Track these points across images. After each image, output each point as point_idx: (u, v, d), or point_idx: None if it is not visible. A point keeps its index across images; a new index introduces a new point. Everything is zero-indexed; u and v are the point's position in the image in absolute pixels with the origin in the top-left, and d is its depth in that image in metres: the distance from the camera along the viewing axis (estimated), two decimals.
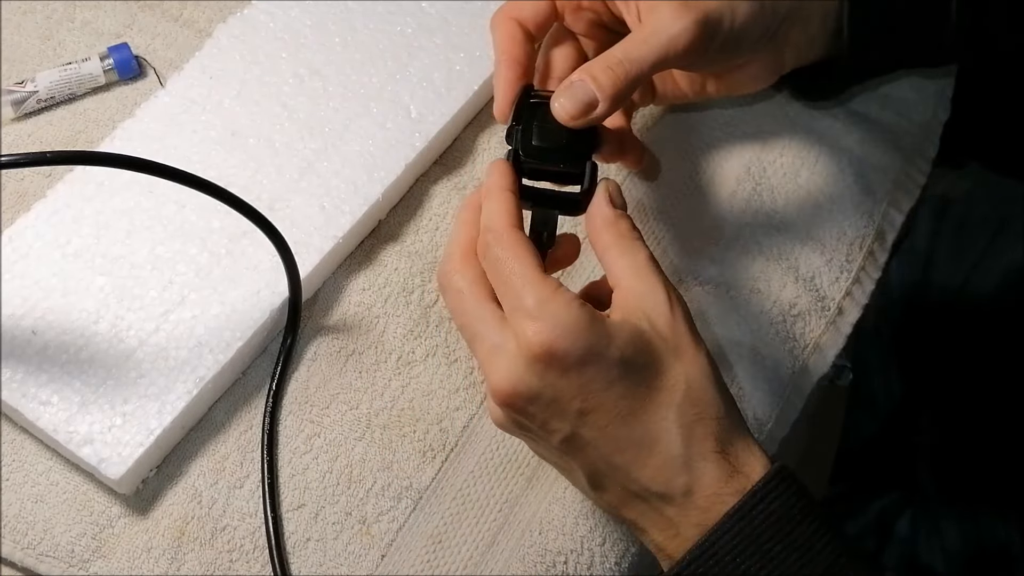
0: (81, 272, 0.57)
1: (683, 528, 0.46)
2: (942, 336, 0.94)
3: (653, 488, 0.46)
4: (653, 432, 0.46)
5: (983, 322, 0.93)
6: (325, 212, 0.59)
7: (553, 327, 0.44)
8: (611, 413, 0.45)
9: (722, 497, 0.45)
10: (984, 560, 0.89)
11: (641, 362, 0.45)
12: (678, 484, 0.46)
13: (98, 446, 0.52)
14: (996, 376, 0.90)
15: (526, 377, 0.45)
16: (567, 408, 0.45)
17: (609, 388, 0.45)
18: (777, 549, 0.44)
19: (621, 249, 0.48)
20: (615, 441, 0.46)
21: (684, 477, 0.45)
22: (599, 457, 0.47)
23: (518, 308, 0.45)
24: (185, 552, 0.53)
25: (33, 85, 0.64)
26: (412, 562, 0.53)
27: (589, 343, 0.44)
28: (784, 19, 0.55)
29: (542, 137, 0.51)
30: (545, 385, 0.45)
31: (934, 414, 0.95)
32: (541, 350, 0.44)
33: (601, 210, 0.49)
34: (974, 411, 0.92)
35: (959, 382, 0.93)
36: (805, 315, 0.61)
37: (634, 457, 0.46)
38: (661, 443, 0.45)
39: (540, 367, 0.45)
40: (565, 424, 0.46)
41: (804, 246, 0.63)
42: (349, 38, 0.66)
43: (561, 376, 0.45)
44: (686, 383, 0.46)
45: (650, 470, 0.46)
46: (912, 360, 0.96)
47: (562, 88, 0.51)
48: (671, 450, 0.45)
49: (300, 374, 0.58)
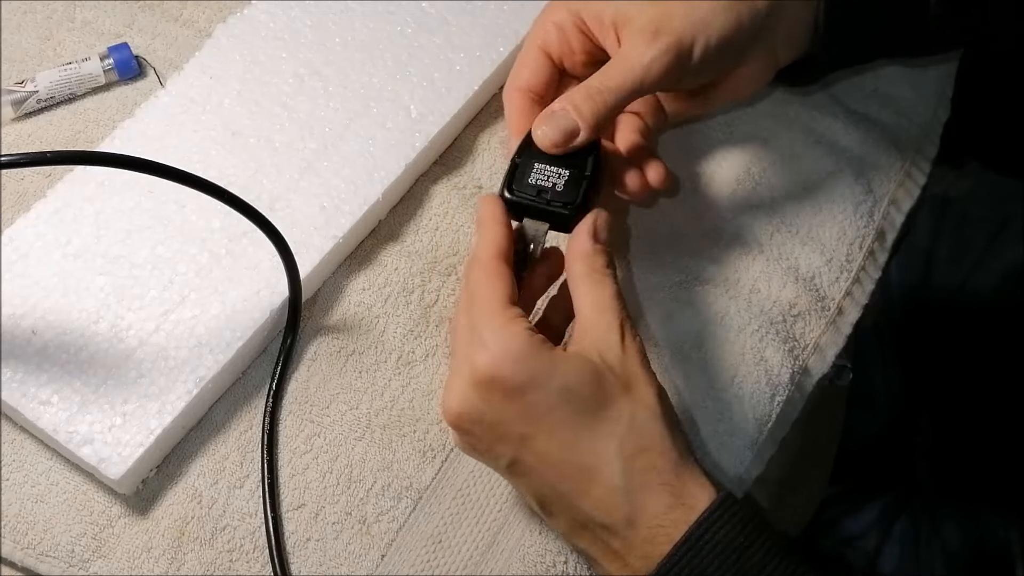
0: (81, 272, 0.57)
1: (630, 559, 0.47)
2: (942, 336, 0.94)
3: (596, 518, 0.47)
4: (593, 462, 0.46)
5: (983, 322, 0.93)
6: (325, 212, 0.59)
7: (498, 353, 0.46)
8: (552, 440, 0.47)
9: (666, 529, 0.46)
10: (984, 560, 0.89)
11: (585, 393, 0.47)
12: (620, 515, 0.46)
13: (98, 446, 0.52)
14: (996, 376, 0.90)
15: (471, 399, 0.47)
16: (509, 432, 0.47)
17: (549, 415, 0.46)
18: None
19: (590, 283, 0.50)
20: (556, 468, 0.47)
21: (626, 508, 0.46)
22: (543, 483, 0.48)
23: (476, 334, 0.47)
24: (185, 552, 0.53)
25: (33, 85, 0.64)
26: (412, 562, 0.53)
27: (531, 370, 0.46)
28: (766, 18, 0.56)
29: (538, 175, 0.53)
30: (488, 408, 0.47)
31: (934, 414, 0.95)
32: (485, 374, 0.46)
33: (581, 241, 0.51)
34: (974, 411, 0.92)
35: (959, 382, 0.93)
36: (805, 315, 0.61)
37: (576, 486, 0.47)
38: (602, 473, 0.46)
39: (484, 390, 0.47)
40: (508, 448, 0.48)
41: (804, 246, 0.63)
42: (349, 38, 0.66)
43: (503, 400, 0.47)
44: (630, 416, 0.47)
45: (591, 500, 0.47)
46: (912, 360, 0.96)
47: (544, 116, 0.53)
48: (612, 480, 0.46)
49: (300, 374, 0.58)
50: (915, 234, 0.96)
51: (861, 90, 0.70)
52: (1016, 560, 0.88)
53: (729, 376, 0.58)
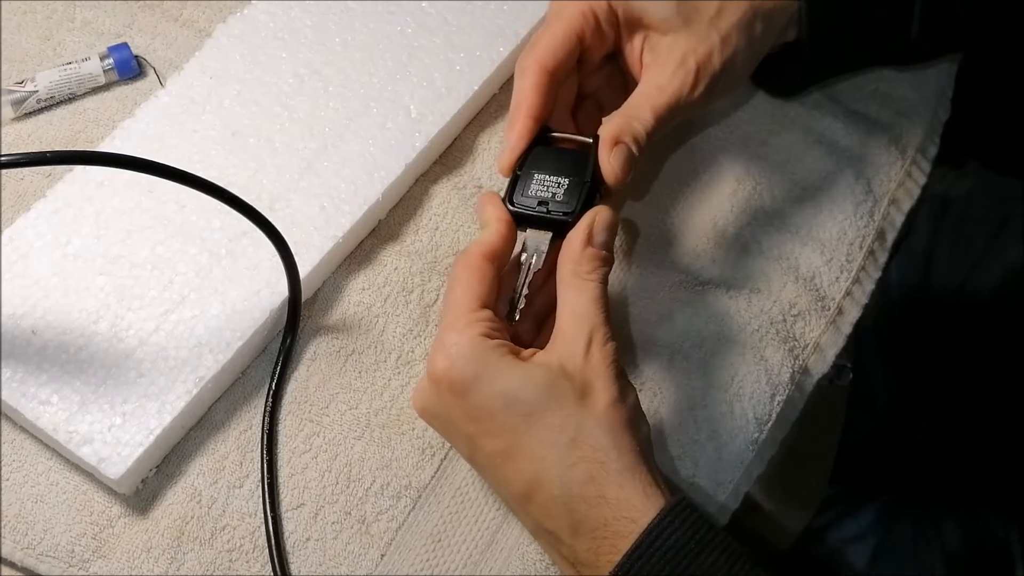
0: (81, 272, 0.57)
1: (580, 568, 0.47)
2: (942, 336, 0.94)
3: (542, 524, 0.48)
4: (532, 469, 0.47)
5: (983, 321, 0.93)
6: (325, 212, 0.59)
7: (452, 354, 0.48)
8: (494, 442, 0.48)
9: (609, 540, 0.46)
10: (984, 560, 0.89)
11: (528, 398, 0.47)
12: (562, 523, 0.47)
13: (98, 446, 0.52)
14: (996, 375, 0.90)
15: (428, 395, 0.49)
16: (459, 431, 0.49)
17: (490, 418, 0.47)
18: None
19: (572, 287, 0.50)
20: (502, 472, 0.48)
21: (566, 517, 0.46)
22: (495, 484, 0.50)
23: (440, 332, 0.49)
24: (185, 552, 0.53)
25: (33, 85, 0.64)
26: (412, 561, 0.53)
27: (477, 373, 0.47)
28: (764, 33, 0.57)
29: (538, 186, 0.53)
30: (441, 405, 0.49)
31: (934, 414, 0.95)
32: (436, 371, 0.48)
33: (571, 243, 0.51)
34: (974, 411, 0.92)
35: (959, 382, 0.93)
36: (805, 315, 0.61)
37: (519, 491, 0.48)
38: (542, 481, 0.47)
39: (436, 387, 0.49)
40: (462, 446, 0.50)
41: (804, 246, 0.63)
42: (349, 38, 0.66)
43: (451, 398, 0.48)
44: (576, 426, 0.46)
45: (535, 506, 0.47)
46: (912, 360, 0.96)
47: (608, 150, 0.53)
48: (551, 489, 0.46)
49: (300, 374, 0.58)
50: (915, 234, 0.96)
51: (861, 90, 0.69)
52: (1016, 560, 0.88)
53: (729, 376, 0.58)
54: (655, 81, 0.55)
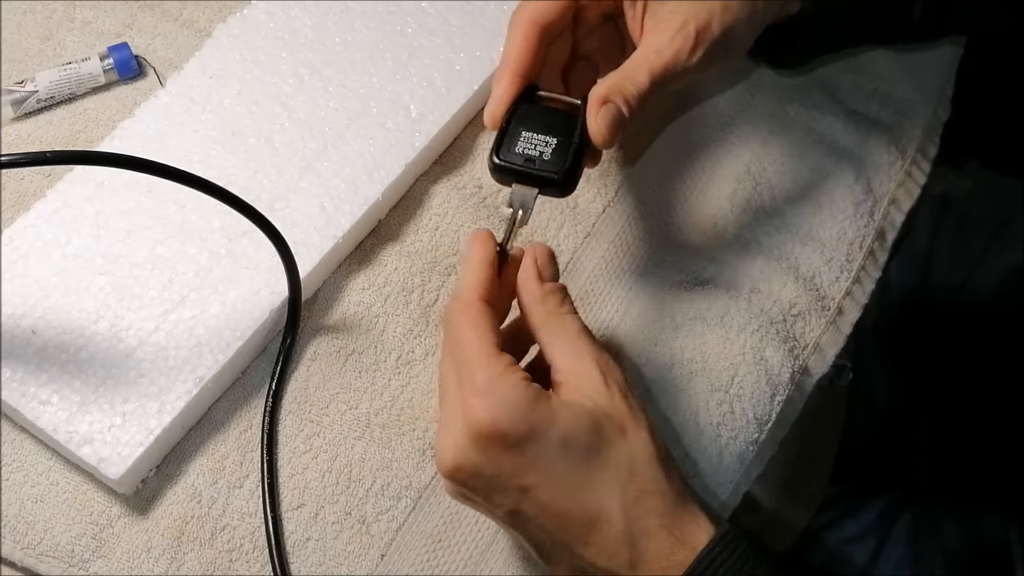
0: (81, 272, 0.57)
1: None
2: (942, 336, 0.94)
3: (599, 564, 0.47)
4: (594, 509, 0.46)
5: (983, 322, 0.93)
6: (325, 212, 0.59)
7: (497, 405, 0.45)
8: (552, 491, 0.46)
9: (668, 571, 0.46)
10: (984, 560, 0.89)
11: (584, 441, 0.46)
12: (622, 560, 0.46)
13: (98, 446, 0.52)
14: (996, 376, 0.90)
15: (469, 453, 0.46)
16: (508, 484, 0.46)
17: (549, 467, 0.46)
18: None
19: (552, 329, 0.49)
20: (557, 518, 0.46)
21: (627, 553, 0.46)
22: (542, 532, 0.47)
23: (468, 382, 0.46)
24: (185, 552, 0.53)
25: (33, 85, 0.64)
26: (412, 561, 0.53)
27: (531, 423, 0.45)
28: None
29: (525, 143, 0.53)
30: (487, 461, 0.46)
31: (934, 414, 0.94)
32: (485, 427, 0.45)
33: (528, 287, 0.50)
34: (974, 411, 0.92)
35: (959, 382, 0.93)
36: (805, 315, 0.61)
37: (577, 534, 0.46)
38: (602, 520, 0.46)
39: (483, 443, 0.45)
40: (508, 500, 0.47)
41: (804, 246, 0.63)
42: (349, 38, 0.66)
43: (503, 453, 0.45)
44: (628, 461, 0.46)
45: (593, 547, 0.46)
46: (912, 360, 0.96)
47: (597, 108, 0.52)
48: (613, 527, 0.46)
49: (300, 374, 0.58)
50: (915, 234, 0.96)
51: (861, 90, 0.70)
52: (1016, 560, 0.88)
53: (729, 376, 0.58)
54: (654, 45, 0.54)
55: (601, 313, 0.60)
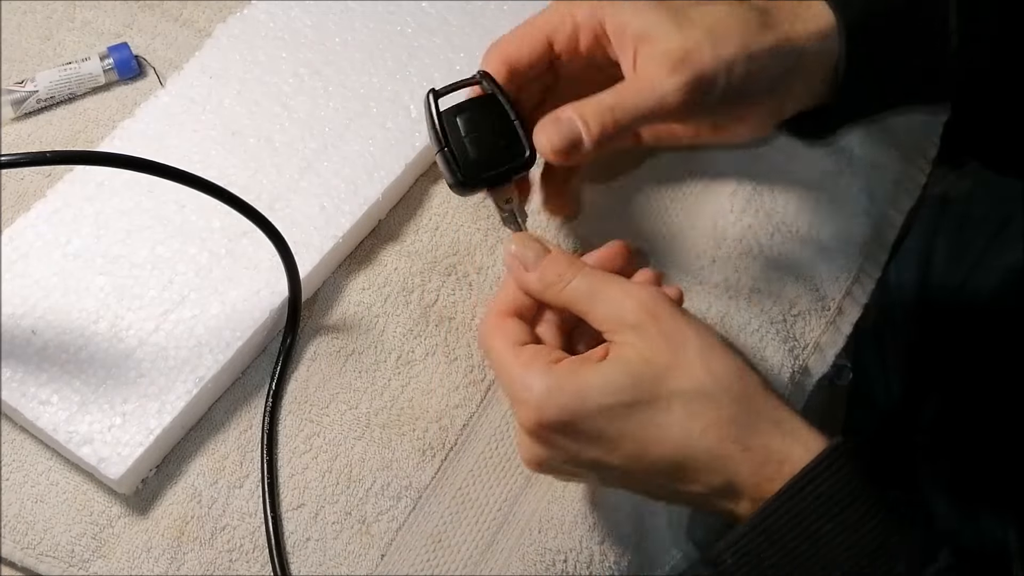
0: (81, 272, 0.57)
1: (743, 514, 0.48)
2: (941, 336, 0.94)
3: (700, 492, 0.48)
4: (667, 453, 0.47)
5: (983, 322, 0.93)
6: (325, 212, 0.59)
7: (531, 401, 0.47)
8: (621, 453, 0.47)
9: (764, 485, 0.46)
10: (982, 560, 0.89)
11: (627, 399, 0.47)
12: (717, 484, 0.47)
13: (98, 446, 0.52)
14: (995, 376, 0.90)
15: (535, 450, 0.49)
16: (581, 462, 0.48)
17: (604, 435, 0.47)
18: (826, 529, 0.45)
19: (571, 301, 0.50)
20: (641, 472, 0.48)
21: (718, 477, 0.47)
22: (637, 484, 0.50)
23: (506, 390, 0.50)
24: (185, 552, 0.53)
25: (33, 85, 0.64)
26: (412, 561, 0.53)
27: (563, 405, 0.47)
28: (786, 73, 0.54)
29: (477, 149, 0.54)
30: (550, 451, 0.48)
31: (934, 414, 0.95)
32: (530, 425, 0.48)
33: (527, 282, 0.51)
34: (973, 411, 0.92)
35: (958, 382, 0.93)
36: (805, 315, 0.61)
37: (666, 478, 0.48)
38: (680, 459, 0.47)
39: (537, 438, 0.48)
40: (590, 473, 0.49)
41: (804, 246, 0.63)
42: (349, 38, 0.66)
43: (558, 439, 0.48)
44: (683, 400, 0.47)
45: (686, 483, 0.48)
46: (911, 360, 0.96)
47: (549, 121, 0.52)
48: (693, 462, 0.47)
49: (300, 374, 0.58)
50: (915, 234, 0.96)
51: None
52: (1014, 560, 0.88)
53: None
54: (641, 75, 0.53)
55: None
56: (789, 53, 0.54)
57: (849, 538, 0.45)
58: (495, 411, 0.57)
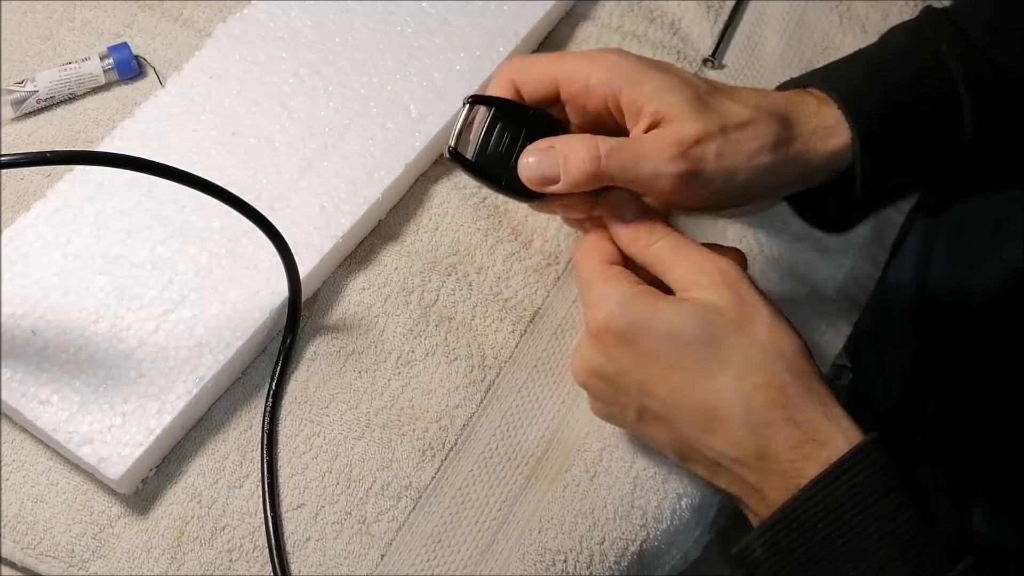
0: (81, 272, 0.57)
1: (768, 493, 0.48)
2: (939, 336, 0.94)
3: (728, 453, 0.49)
4: (713, 400, 0.48)
5: (980, 321, 0.93)
6: (325, 212, 0.60)
7: (602, 306, 0.50)
8: (667, 383, 0.49)
9: (797, 464, 0.47)
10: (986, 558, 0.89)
11: (691, 335, 0.49)
12: (749, 449, 0.48)
13: (98, 446, 0.52)
14: (993, 376, 0.90)
15: (592, 354, 0.51)
16: (627, 381, 0.50)
17: (659, 359, 0.49)
18: (859, 519, 0.46)
19: (656, 256, 0.52)
20: (679, 411, 0.49)
21: (752, 442, 0.48)
22: (671, 429, 0.50)
23: (586, 301, 0.51)
24: (185, 552, 0.53)
25: (33, 85, 0.64)
26: (412, 561, 0.53)
27: (632, 315, 0.49)
28: (790, 184, 0.54)
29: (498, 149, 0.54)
30: (604, 359, 0.50)
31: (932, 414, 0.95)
32: (595, 327, 0.50)
33: (620, 235, 0.53)
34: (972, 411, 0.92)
35: (957, 382, 0.93)
36: (805, 315, 0.61)
37: (702, 427, 0.49)
38: (722, 410, 0.48)
39: (596, 344, 0.50)
40: (631, 398, 0.50)
41: (804, 246, 0.63)
42: (349, 38, 0.66)
43: (614, 348, 0.50)
44: (744, 356, 0.48)
45: (720, 436, 0.48)
46: (910, 360, 0.96)
47: (539, 148, 0.52)
48: (734, 417, 0.48)
49: (300, 374, 0.58)
50: (912, 234, 0.96)
51: None
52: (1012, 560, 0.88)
53: None
54: (646, 146, 0.52)
55: None
56: (799, 168, 0.54)
57: (882, 528, 0.46)
58: (495, 411, 0.57)
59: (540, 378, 0.58)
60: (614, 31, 0.70)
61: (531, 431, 0.57)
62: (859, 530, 0.46)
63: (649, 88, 0.52)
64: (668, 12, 0.71)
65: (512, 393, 0.58)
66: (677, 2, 0.71)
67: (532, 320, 0.60)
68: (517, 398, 0.58)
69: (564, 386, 0.58)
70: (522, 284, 0.61)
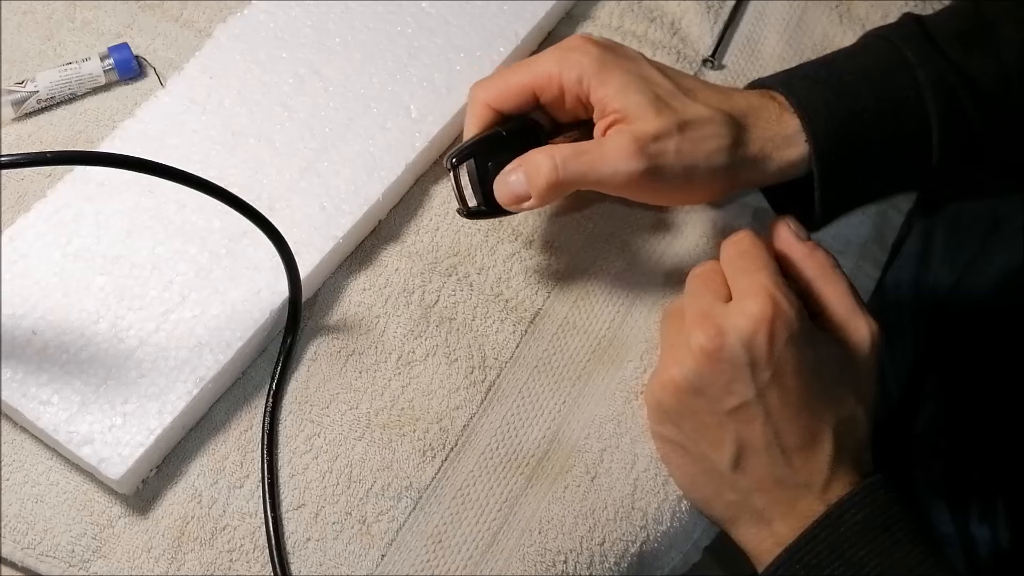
0: (81, 272, 0.57)
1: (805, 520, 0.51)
2: (936, 336, 0.94)
3: (799, 477, 0.51)
4: (820, 430, 0.51)
5: (978, 321, 0.93)
6: (325, 212, 0.60)
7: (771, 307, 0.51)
8: (793, 393, 0.50)
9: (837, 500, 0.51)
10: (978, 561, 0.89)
11: (832, 372, 0.51)
12: (820, 480, 0.51)
13: (98, 446, 0.52)
14: (991, 376, 0.90)
15: (697, 370, 0.52)
16: (760, 372, 0.50)
17: (799, 373, 0.50)
18: (861, 555, 0.49)
19: (827, 279, 0.54)
20: (787, 421, 0.51)
21: (826, 475, 0.51)
22: (764, 433, 0.51)
23: (701, 310, 0.53)
24: (185, 552, 0.53)
25: (33, 85, 0.64)
26: (412, 562, 0.53)
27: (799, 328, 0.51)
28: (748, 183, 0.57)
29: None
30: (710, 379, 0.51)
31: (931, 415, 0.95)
32: (709, 348, 0.51)
33: (794, 247, 0.55)
34: (970, 411, 0.92)
35: (954, 383, 0.93)
36: None
37: (796, 444, 0.51)
38: (821, 441, 0.51)
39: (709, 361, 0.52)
40: (750, 389, 0.50)
41: None
42: (349, 38, 0.66)
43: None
44: (855, 405, 0.52)
45: (803, 461, 0.51)
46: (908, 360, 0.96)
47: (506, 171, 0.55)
48: (827, 449, 0.51)
49: (300, 374, 0.58)
50: (909, 235, 0.96)
51: None
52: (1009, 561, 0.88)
53: None
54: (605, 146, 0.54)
55: (602, 314, 0.60)
56: (754, 173, 0.56)
57: (882, 563, 0.49)
58: (496, 412, 0.57)
59: (541, 379, 0.58)
60: (614, 31, 0.70)
61: (532, 432, 0.57)
62: (861, 564, 0.49)
63: (612, 88, 0.54)
64: (668, 12, 0.71)
65: (513, 394, 0.58)
66: (677, 2, 0.71)
67: (533, 321, 0.60)
68: (518, 399, 0.58)
69: (565, 387, 0.58)
70: (523, 285, 0.61)
